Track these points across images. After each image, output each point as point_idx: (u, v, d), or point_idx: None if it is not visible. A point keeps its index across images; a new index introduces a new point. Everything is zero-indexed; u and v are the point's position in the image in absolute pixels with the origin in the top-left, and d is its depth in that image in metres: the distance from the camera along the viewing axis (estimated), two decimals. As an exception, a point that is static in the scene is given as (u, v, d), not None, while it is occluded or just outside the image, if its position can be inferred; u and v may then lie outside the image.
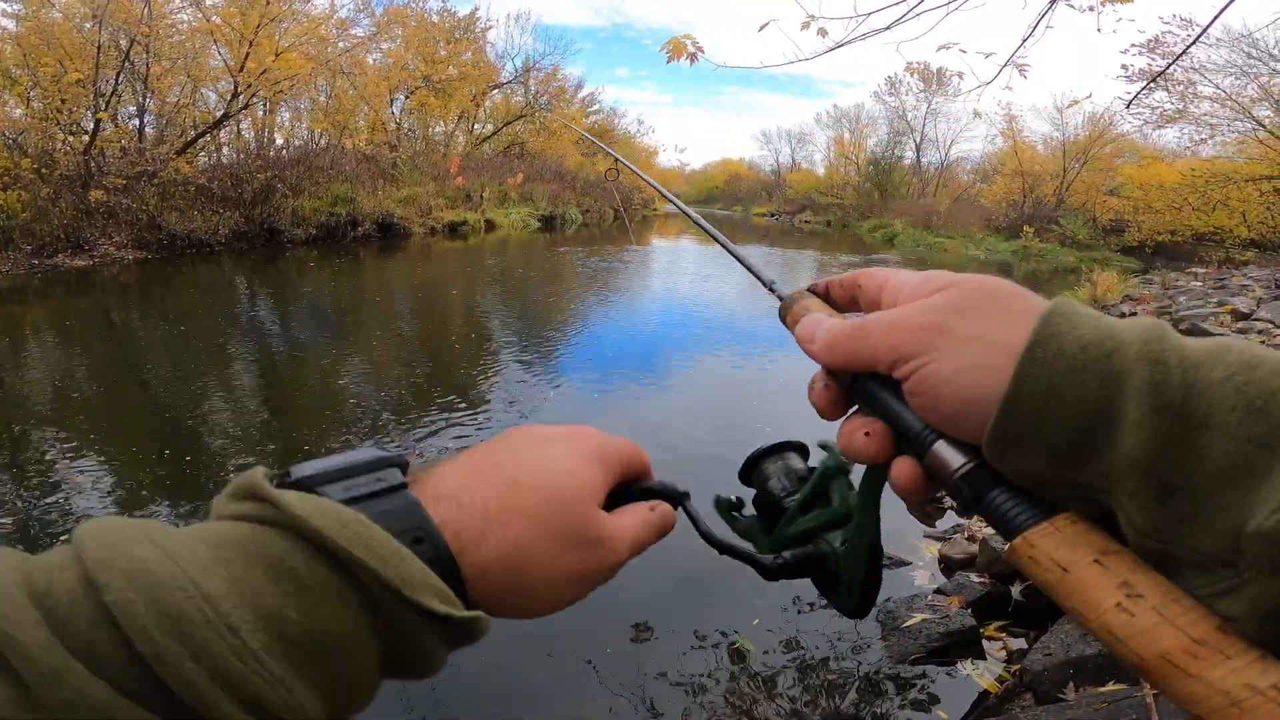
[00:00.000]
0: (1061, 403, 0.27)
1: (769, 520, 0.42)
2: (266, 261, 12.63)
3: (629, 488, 0.39)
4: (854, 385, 0.35)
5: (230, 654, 0.22)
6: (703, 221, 0.64)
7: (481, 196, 20.95)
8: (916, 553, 3.11)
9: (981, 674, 2.32)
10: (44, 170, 11.27)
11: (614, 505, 0.37)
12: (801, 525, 0.40)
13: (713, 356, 6.57)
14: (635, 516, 0.37)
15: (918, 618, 2.51)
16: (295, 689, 0.24)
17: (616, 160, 0.99)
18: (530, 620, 0.34)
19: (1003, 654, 2.41)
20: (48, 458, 3.96)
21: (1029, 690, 2.06)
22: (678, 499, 0.40)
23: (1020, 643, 2.44)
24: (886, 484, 0.35)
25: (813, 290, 0.42)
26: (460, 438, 4.37)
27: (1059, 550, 0.27)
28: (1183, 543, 0.26)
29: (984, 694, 2.24)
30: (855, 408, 0.36)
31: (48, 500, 3.43)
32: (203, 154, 15.35)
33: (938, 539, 3.20)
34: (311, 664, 0.25)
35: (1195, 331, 6.49)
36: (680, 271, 13.84)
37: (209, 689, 0.22)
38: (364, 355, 6.56)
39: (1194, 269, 14.54)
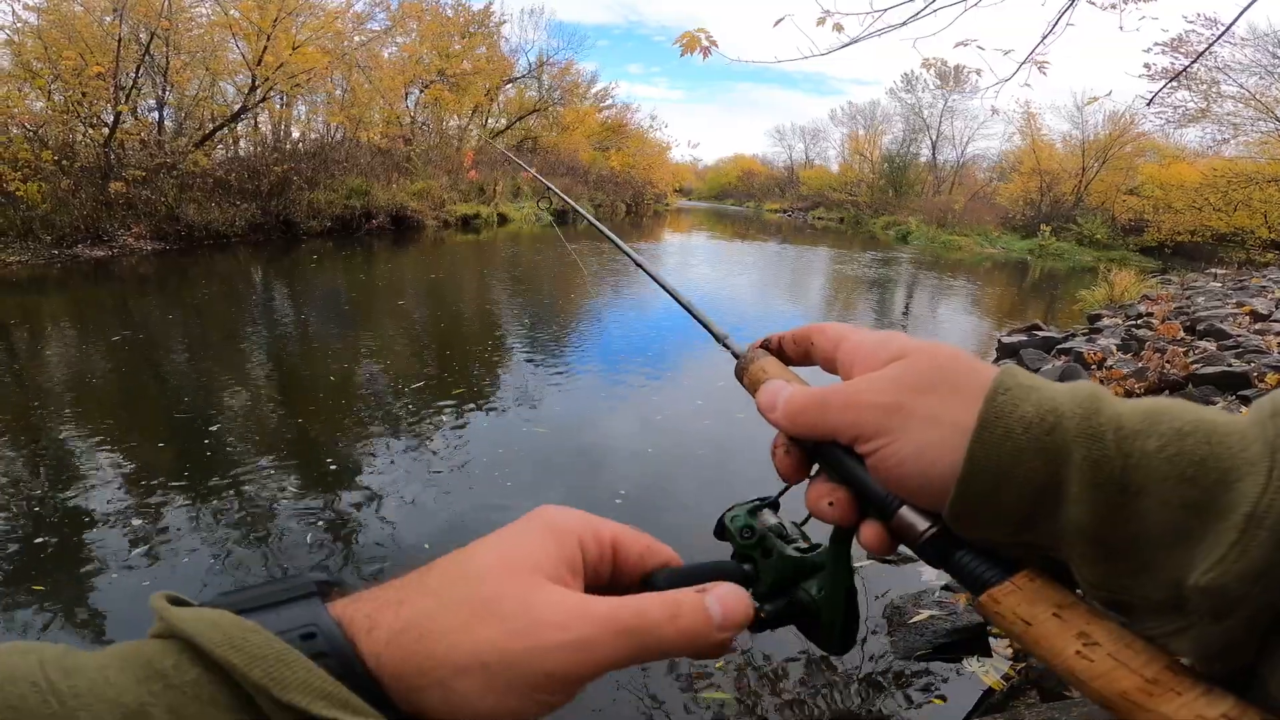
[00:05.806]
0: (1011, 481, 0.30)
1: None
2: (282, 253, 12.74)
3: (660, 576, 0.35)
4: (817, 451, 0.37)
5: None
6: (653, 271, 0.60)
7: (494, 190, 21.00)
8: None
9: (987, 671, 2.33)
10: (65, 162, 11.42)
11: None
12: (775, 575, 0.40)
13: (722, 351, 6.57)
14: (631, 599, 0.30)
15: (924, 614, 2.51)
16: None
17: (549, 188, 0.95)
18: None
19: (1009, 651, 2.41)
20: (65, 444, 4.04)
21: (1034, 687, 2.06)
22: (740, 579, 0.35)
23: (1027, 641, 2.44)
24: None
25: (766, 346, 0.44)
26: (465, 425, 4.41)
27: (1020, 606, 0.30)
28: (1132, 593, 0.29)
29: (989, 691, 2.25)
30: (817, 468, 0.38)
31: (64, 487, 3.50)
32: (220, 147, 15.48)
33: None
34: None
35: (1214, 333, 6.42)
36: (690, 267, 13.83)
37: None
38: (377, 345, 6.62)
39: (1213, 269, 14.34)
